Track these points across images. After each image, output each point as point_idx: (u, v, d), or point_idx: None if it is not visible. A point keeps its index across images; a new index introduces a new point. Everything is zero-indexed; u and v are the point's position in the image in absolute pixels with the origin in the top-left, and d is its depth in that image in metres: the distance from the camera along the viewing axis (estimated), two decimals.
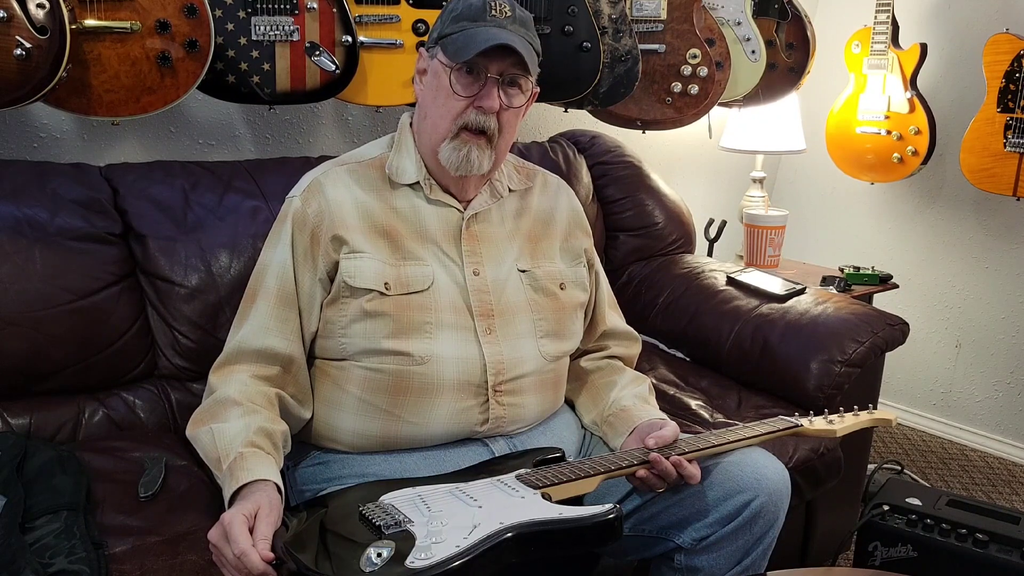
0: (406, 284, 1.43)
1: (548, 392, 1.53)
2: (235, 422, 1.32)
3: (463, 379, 1.42)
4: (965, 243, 3.00)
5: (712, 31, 2.39)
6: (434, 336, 1.42)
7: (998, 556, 1.72)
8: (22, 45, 1.52)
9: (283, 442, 1.36)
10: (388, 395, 1.41)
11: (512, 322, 1.48)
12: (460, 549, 1.11)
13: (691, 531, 1.41)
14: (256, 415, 1.34)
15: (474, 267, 1.48)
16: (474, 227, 1.51)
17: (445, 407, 1.42)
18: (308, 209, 1.45)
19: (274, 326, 1.42)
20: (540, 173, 1.66)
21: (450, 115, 1.41)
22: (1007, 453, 3.00)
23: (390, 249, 1.44)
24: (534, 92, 1.49)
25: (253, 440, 1.29)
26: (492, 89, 1.40)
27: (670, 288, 2.39)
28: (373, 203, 1.47)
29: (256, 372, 1.40)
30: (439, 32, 1.44)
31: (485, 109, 1.40)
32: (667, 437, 1.39)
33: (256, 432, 1.31)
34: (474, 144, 1.41)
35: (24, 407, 1.66)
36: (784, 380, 2.07)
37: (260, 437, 1.31)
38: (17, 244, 1.65)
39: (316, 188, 1.47)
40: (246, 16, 1.83)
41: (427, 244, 1.47)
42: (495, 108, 1.40)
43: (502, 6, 1.41)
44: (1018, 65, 2.48)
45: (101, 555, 1.27)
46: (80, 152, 2.02)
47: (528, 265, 1.53)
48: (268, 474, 1.26)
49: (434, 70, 1.44)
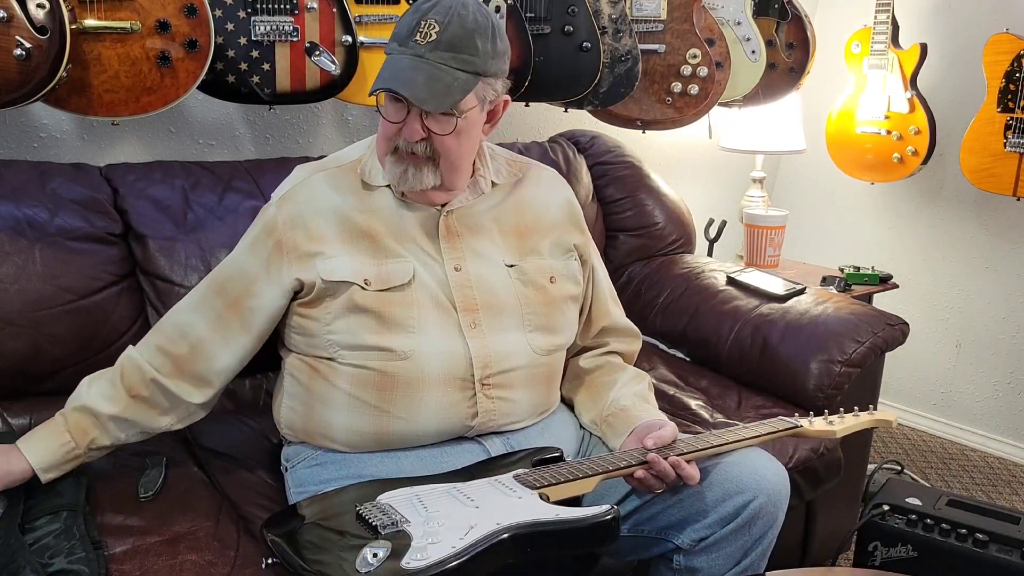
0: (386, 280, 1.42)
1: (540, 387, 1.53)
2: (84, 389, 1.43)
3: (447, 373, 1.42)
4: (965, 243, 3.00)
5: (712, 31, 2.39)
6: (417, 331, 1.41)
7: (998, 556, 1.72)
8: (22, 45, 1.52)
9: (98, 422, 1.41)
10: (376, 391, 1.41)
11: (499, 316, 1.47)
12: (456, 550, 1.12)
13: (690, 532, 1.41)
14: (97, 384, 1.43)
15: (455, 263, 1.47)
16: (453, 224, 1.49)
17: (432, 401, 1.42)
18: (280, 218, 1.45)
19: (199, 306, 1.47)
20: (534, 166, 1.63)
21: (385, 135, 1.42)
22: (1007, 453, 3.00)
23: (371, 249, 1.44)
24: (502, 100, 1.44)
25: (66, 410, 1.41)
26: (412, 121, 1.36)
27: (670, 288, 2.39)
28: (351, 206, 1.46)
29: (159, 342, 1.46)
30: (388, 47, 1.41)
31: (406, 138, 1.38)
32: (666, 438, 1.39)
33: (76, 408, 1.40)
34: (411, 162, 1.40)
35: (24, 407, 1.67)
36: (784, 380, 2.07)
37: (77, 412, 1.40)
38: (17, 244, 1.66)
39: (291, 198, 1.47)
40: (246, 16, 1.83)
41: (406, 242, 1.46)
42: (413, 138, 1.37)
43: (430, 28, 1.33)
44: (1018, 65, 2.48)
45: (101, 555, 1.27)
46: (80, 152, 2.02)
47: (516, 260, 1.52)
48: (24, 440, 1.37)
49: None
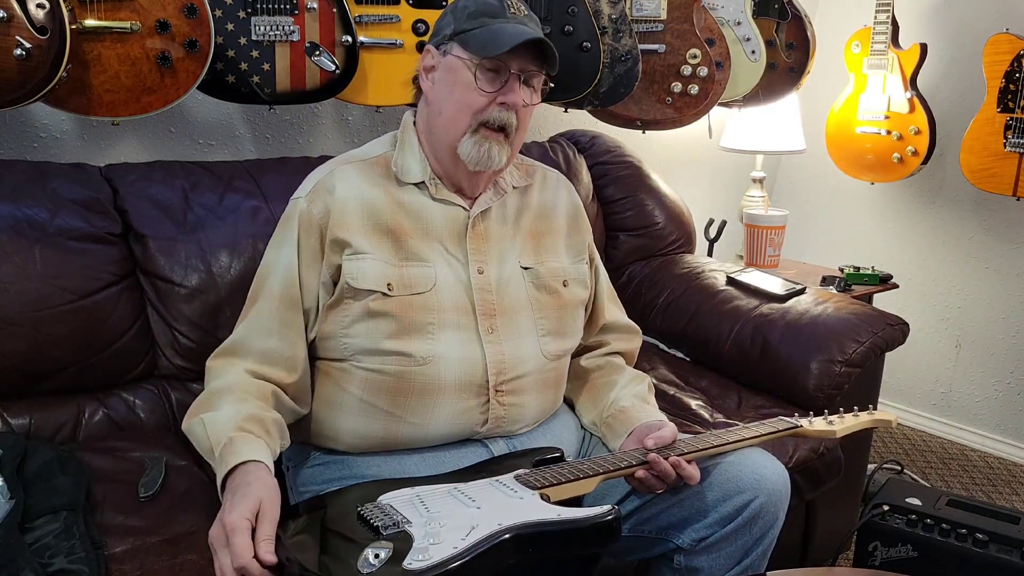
0: (409, 285, 1.42)
1: (549, 391, 1.53)
2: (226, 409, 1.31)
3: (465, 379, 1.42)
4: (965, 243, 3.00)
5: (712, 31, 2.39)
6: (436, 336, 1.41)
7: (998, 556, 1.72)
8: (22, 45, 1.52)
9: (277, 431, 1.35)
10: (389, 396, 1.41)
11: (514, 321, 1.47)
12: (458, 550, 1.11)
13: (691, 532, 1.41)
14: (247, 403, 1.33)
15: (479, 265, 1.47)
16: (480, 226, 1.50)
17: (446, 408, 1.42)
18: (314, 210, 1.43)
19: (276, 328, 1.41)
20: (540, 169, 1.65)
21: (471, 110, 1.40)
22: (1007, 453, 3.00)
23: (393, 249, 1.43)
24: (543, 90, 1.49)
25: (242, 425, 1.28)
26: (515, 85, 1.39)
27: (670, 288, 2.39)
28: (380, 199, 1.45)
29: (254, 369, 1.40)
30: (455, 28, 1.42)
31: (509, 105, 1.39)
32: (666, 438, 1.39)
33: (246, 418, 1.30)
34: (494, 140, 1.41)
35: (24, 407, 1.66)
36: (784, 380, 2.07)
37: (251, 423, 1.30)
38: (17, 244, 1.65)
39: (322, 189, 1.45)
40: (246, 16, 1.83)
41: (432, 242, 1.46)
42: (519, 104, 1.40)
43: (518, 4, 1.42)
44: (1018, 65, 2.48)
45: (101, 555, 1.27)
46: (80, 152, 2.02)
47: (531, 262, 1.52)
48: (257, 455, 1.24)
49: (448, 66, 1.42)
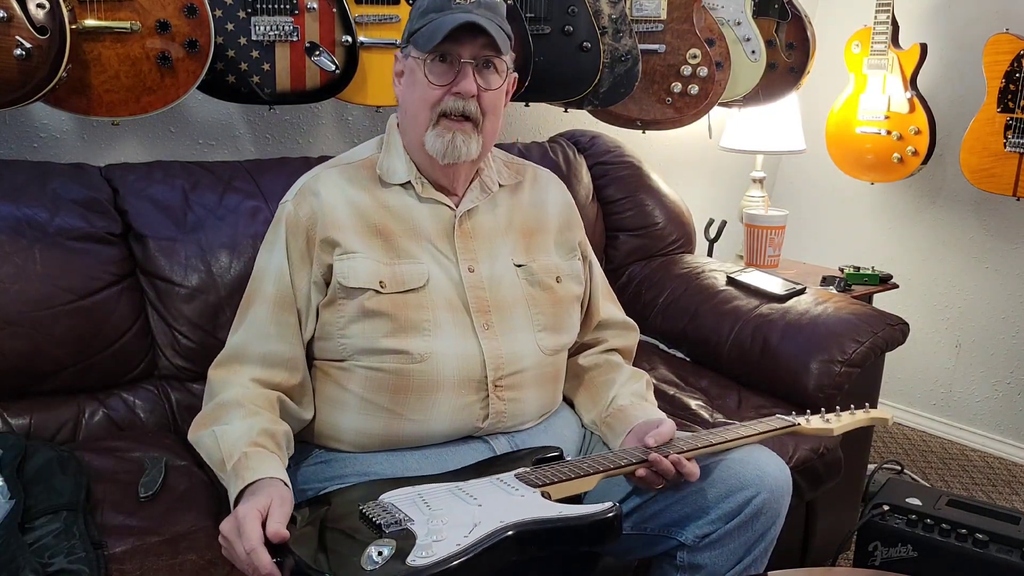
0: (401, 282, 1.43)
1: (548, 386, 1.54)
2: (238, 423, 1.32)
3: (463, 375, 1.42)
4: (965, 243, 3.00)
5: (712, 31, 2.39)
6: (432, 333, 1.42)
7: (998, 556, 1.72)
8: (22, 45, 1.52)
9: (286, 443, 1.37)
10: (390, 394, 1.42)
11: (509, 317, 1.48)
12: (461, 548, 1.11)
13: (693, 528, 1.41)
14: (258, 416, 1.34)
15: (469, 264, 1.48)
16: (467, 224, 1.51)
17: (446, 404, 1.42)
18: (300, 212, 1.45)
19: (274, 331, 1.43)
20: (530, 167, 1.65)
21: (427, 104, 1.41)
22: (1007, 453, 3.00)
23: (384, 248, 1.44)
24: (513, 77, 1.48)
25: (256, 440, 1.30)
26: (467, 72, 1.39)
27: (670, 288, 2.39)
28: (366, 201, 1.47)
29: (257, 375, 1.41)
30: (409, 29, 1.45)
31: (462, 93, 1.39)
32: (665, 435, 1.39)
33: (259, 433, 1.31)
34: (458, 130, 1.41)
35: (24, 407, 1.66)
36: (784, 380, 2.07)
37: (263, 437, 1.31)
38: (17, 244, 1.65)
39: (307, 191, 1.47)
40: (246, 16, 1.83)
41: (421, 242, 1.47)
42: (472, 91, 1.40)
43: None
44: (1018, 65, 2.48)
45: (101, 555, 1.27)
46: (80, 152, 2.02)
47: (523, 259, 1.53)
48: (273, 472, 1.26)
49: (409, 68, 1.45)
